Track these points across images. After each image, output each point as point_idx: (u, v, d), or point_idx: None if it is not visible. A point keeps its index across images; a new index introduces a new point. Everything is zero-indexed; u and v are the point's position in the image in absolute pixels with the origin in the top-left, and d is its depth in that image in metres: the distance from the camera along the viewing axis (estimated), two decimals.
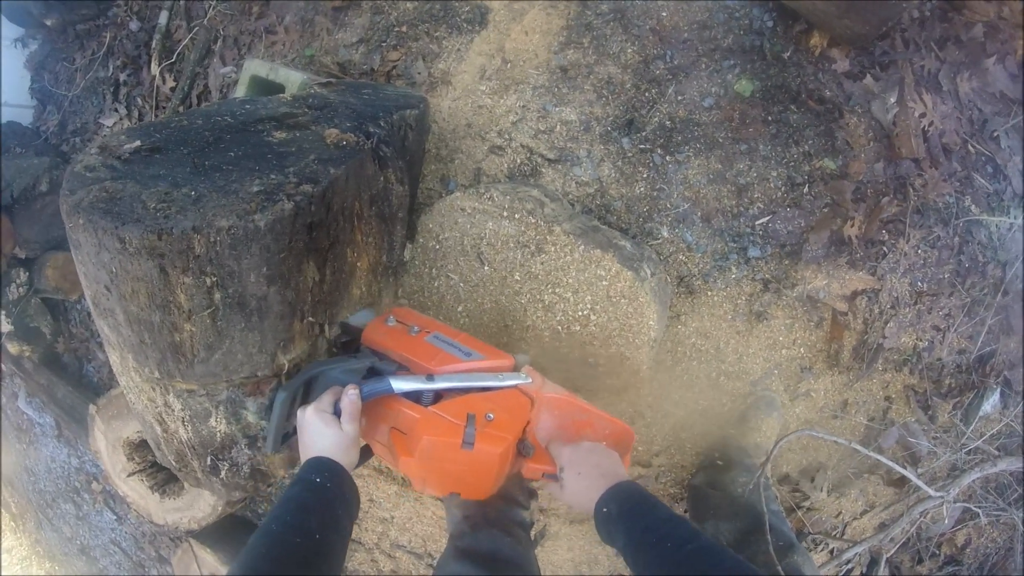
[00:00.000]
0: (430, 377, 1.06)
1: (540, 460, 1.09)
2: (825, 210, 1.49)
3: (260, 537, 0.81)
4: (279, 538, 0.81)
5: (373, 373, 1.09)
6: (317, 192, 0.94)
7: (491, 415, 1.04)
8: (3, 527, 3.14)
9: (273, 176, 0.94)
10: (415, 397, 1.06)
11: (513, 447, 1.06)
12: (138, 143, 1.01)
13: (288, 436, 1.11)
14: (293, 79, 1.53)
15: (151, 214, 0.83)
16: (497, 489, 1.10)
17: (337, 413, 0.99)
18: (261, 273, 0.89)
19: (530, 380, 1.14)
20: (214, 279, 0.86)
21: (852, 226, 1.47)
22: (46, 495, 2.82)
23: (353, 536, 1.99)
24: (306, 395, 1.09)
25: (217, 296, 0.88)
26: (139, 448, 1.96)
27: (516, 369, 1.19)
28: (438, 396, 1.07)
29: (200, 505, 1.91)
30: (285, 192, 0.89)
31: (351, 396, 0.99)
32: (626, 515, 0.90)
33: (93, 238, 0.85)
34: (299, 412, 1.02)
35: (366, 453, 1.20)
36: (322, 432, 0.96)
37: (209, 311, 0.88)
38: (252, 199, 0.87)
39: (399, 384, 1.03)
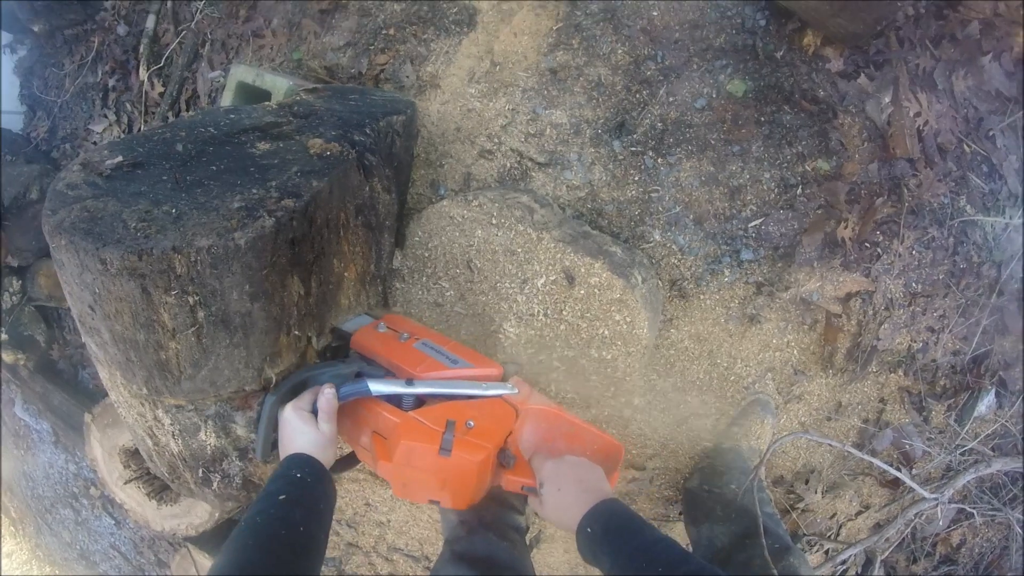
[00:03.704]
0: (410, 382, 1.06)
1: (521, 472, 1.08)
2: (819, 212, 1.47)
3: (246, 529, 0.80)
4: (266, 530, 0.81)
5: (361, 378, 1.09)
6: (299, 206, 0.93)
7: (472, 423, 1.03)
8: (4, 532, 3.15)
9: (255, 191, 0.93)
10: (396, 402, 1.06)
11: (493, 457, 1.05)
12: (120, 158, 1.00)
13: (276, 443, 1.10)
14: (279, 85, 1.51)
15: (132, 234, 0.82)
16: (477, 500, 1.09)
17: (315, 412, 1.00)
18: (244, 291, 0.88)
19: (516, 391, 1.13)
20: (197, 298, 0.85)
21: (846, 228, 1.46)
22: (45, 500, 2.83)
23: (350, 540, 1.99)
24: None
25: (200, 314, 0.87)
26: (135, 455, 1.96)
27: (505, 379, 1.19)
28: (421, 402, 1.07)
29: (197, 511, 1.91)
30: (266, 208, 0.88)
31: (327, 395, 1.00)
32: (612, 536, 0.87)
33: (75, 259, 0.85)
34: (279, 411, 1.03)
35: (351, 460, 1.20)
36: (300, 429, 0.97)
37: (193, 329, 0.88)
38: (232, 216, 0.86)
39: (376, 386, 1.04)
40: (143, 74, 2.09)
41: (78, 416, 2.16)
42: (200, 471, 1.15)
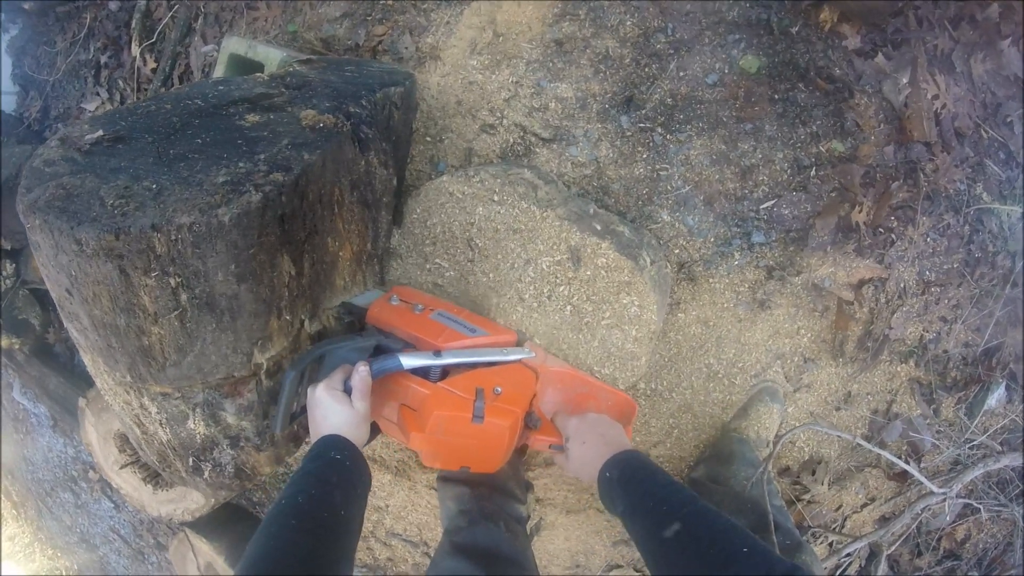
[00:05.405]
0: (437, 353, 1.07)
1: (546, 432, 1.14)
2: (832, 195, 1.42)
3: (288, 510, 0.80)
4: (308, 512, 0.80)
5: (380, 351, 1.10)
6: (289, 180, 0.88)
7: (499, 389, 1.07)
8: (6, 515, 3.15)
9: (242, 164, 0.88)
10: (423, 373, 1.07)
11: (521, 420, 1.10)
12: (100, 132, 0.94)
13: (295, 416, 1.10)
14: (272, 57, 1.45)
15: (109, 212, 0.78)
16: (505, 462, 1.13)
17: (347, 391, 0.99)
18: (229, 271, 0.84)
19: (533, 354, 1.17)
20: (179, 279, 0.80)
21: (860, 212, 1.40)
22: (45, 484, 2.82)
23: None
24: (313, 374, 1.09)
25: (183, 297, 0.82)
26: (130, 440, 1.94)
27: (519, 344, 1.22)
28: (445, 372, 1.09)
29: (193, 496, 1.89)
30: (253, 182, 0.83)
31: (362, 373, 0.99)
32: (627, 480, 0.92)
33: (50, 239, 0.80)
34: (309, 390, 1.02)
35: (373, 432, 1.19)
36: (334, 409, 0.97)
37: (176, 313, 0.83)
38: (217, 191, 0.81)
39: (408, 361, 1.05)
40: (135, 50, 2.03)
41: (74, 400, 2.13)
42: (190, 460, 1.12)
